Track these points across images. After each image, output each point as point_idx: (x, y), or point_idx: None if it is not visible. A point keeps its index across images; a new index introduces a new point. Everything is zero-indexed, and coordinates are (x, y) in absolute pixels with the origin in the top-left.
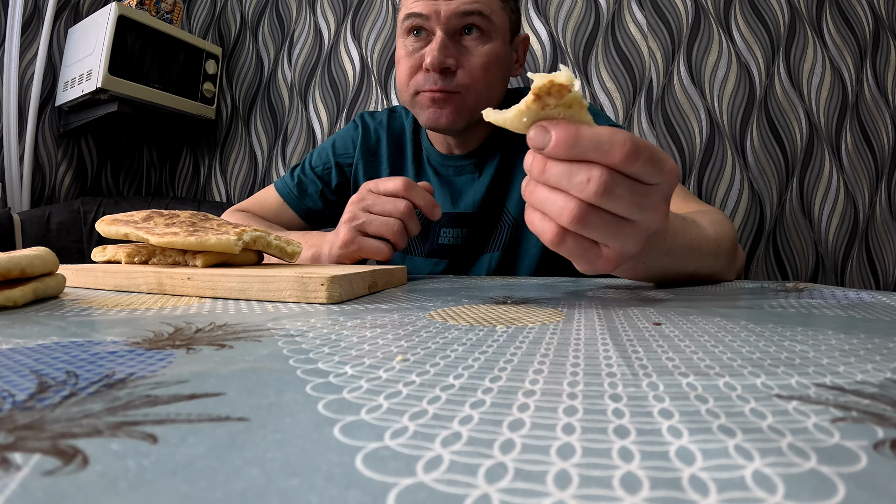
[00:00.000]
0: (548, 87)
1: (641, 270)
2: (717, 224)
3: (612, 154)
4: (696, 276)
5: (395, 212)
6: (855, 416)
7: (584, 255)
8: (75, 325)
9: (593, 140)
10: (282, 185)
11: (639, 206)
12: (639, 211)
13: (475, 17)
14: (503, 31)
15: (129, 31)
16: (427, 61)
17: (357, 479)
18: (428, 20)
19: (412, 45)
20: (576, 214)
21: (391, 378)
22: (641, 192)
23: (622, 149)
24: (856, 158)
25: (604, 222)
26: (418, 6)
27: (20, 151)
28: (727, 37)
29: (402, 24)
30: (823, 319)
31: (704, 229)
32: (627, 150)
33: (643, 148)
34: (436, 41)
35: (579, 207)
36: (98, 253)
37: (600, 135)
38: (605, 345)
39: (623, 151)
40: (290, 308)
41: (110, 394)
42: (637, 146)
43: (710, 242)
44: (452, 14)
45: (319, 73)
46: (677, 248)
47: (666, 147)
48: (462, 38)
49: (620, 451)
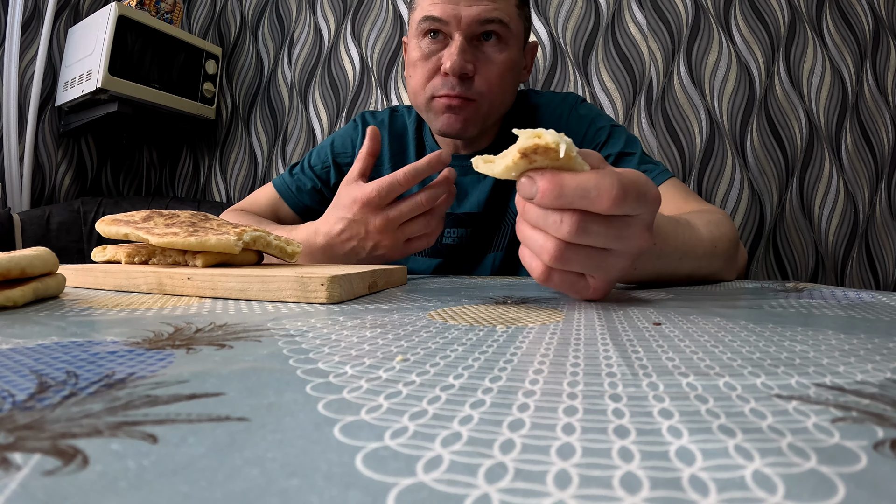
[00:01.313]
0: (533, 149)
1: (633, 275)
2: (714, 224)
3: (601, 202)
4: (692, 277)
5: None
6: (855, 416)
7: (572, 287)
8: (75, 325)
9: (578, 190)
10: (280, 182)
11: (617, 238)
12: (617, 241)
13: (495, 24)
14: (518, 38)
15: (129, 31)
16: (447, 66)
17: (357, 479)
18: (447, 25)
19: (428, 47)
20: (554, 253)
21: (391, 378)
22: (618, 226)
23: (609, 195)
24: (856, 158)
25: (583, 257)
26: (437, 10)
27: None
28: (727, 37)
29: (419, 25)
30: (823, 319)
31: (698, 230)
32: (615, 197)
33: (629, 189)
34: (455, 45)
35: (557, 246)
36: (98, 253)
37: (586, 183)
38: (605, 345)
39: (611, 198)
40: (290, 308)
41: (110, 394)
42: (624, 190)
43: (705, 243)
44: (473, 21)
45: (319, 74)
46: (669, 252)
47: (666, 147)
48: (481, 44)
49: (620, 451)
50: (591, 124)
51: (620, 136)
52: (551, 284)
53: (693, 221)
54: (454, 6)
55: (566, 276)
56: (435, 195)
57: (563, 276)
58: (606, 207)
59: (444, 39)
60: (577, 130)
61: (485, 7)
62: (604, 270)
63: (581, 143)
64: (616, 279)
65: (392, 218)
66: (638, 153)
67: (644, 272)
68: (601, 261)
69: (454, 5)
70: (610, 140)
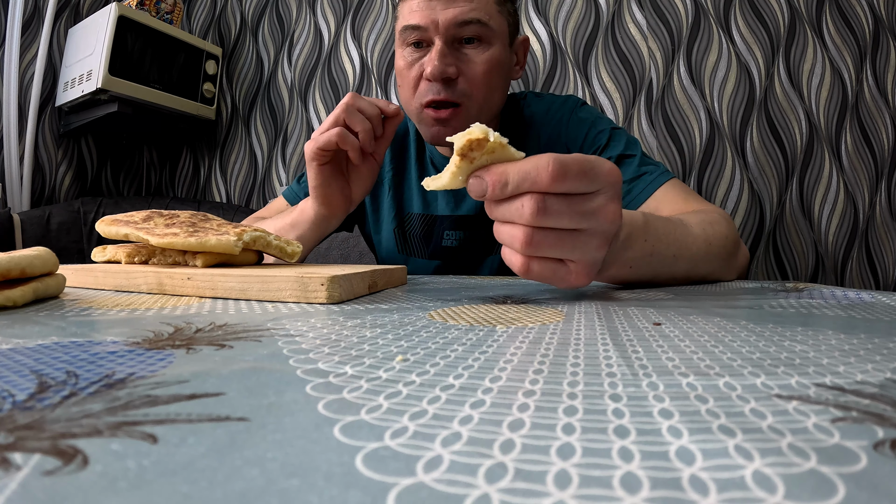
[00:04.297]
0: (468, 145)
1: (628, 274)
2: (709, 223)
3: (541, 180)
4: (690, 277)
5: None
6: (855, 416)
7: (554, 275)
8: (75, 325)
9: (520, 174)
10: (289, 192)
11: (582, 216)
12: (584, 219)
13: (474, 25)
14: (502, 35)
15: (129, 31)
16: (427, 71)
17: (357, 479)
18: (426, 31)
19: (411, 55)
20: (524, 238)
21: (391, 378)
22: (579, 202)
23: (547, 172)
24: (856, 159)
25: (554, 239)
26: (415, 17)
27: (20, 151)
28: (727, 37)
29: (401, 35)
30: (823, 319)
31: (691, 229)
32: (552, 172)
33: (570, 164)
34: (435, 51)
35: (525, 232)
36: (98, 253)
37: (525, 167)
38: (605, 345)
39: (549, 174)
40: (290, 308)
41: (110, 394)
42: (562, 165)
43: (699, 242)
44: (450, 23)
45: (319, 74)
46: (661, 249)
47: (666, 147)
48: (462, 46)
49: (620, 451)
50: (592, 127)
51: (621, 139)
52: (533, 276)
53: (686, 220)
54: (431, 11)
55: (545, 263)
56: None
57: (543, 263)
58: (548, 182)
59: (426, 47)
60: (577, 134)
61: (461, 9)
62: (579, 251)
63: (582, 146)
64: (595, 262)
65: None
66: (638, 155)
67: (640, 272)
68: (573, 242)
69: (430, 11)
70: (610, 143)
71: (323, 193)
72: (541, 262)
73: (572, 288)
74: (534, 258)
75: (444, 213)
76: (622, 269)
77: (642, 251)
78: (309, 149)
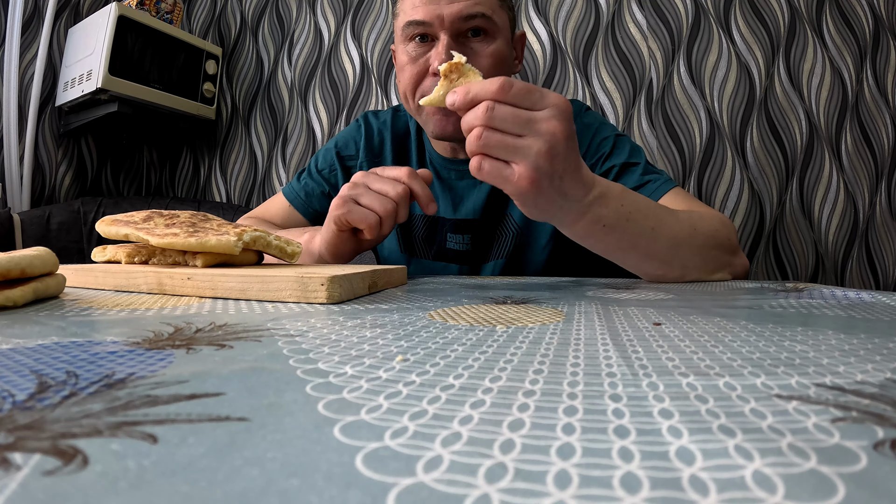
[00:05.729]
0: (449, 68)
1: (603, 233)
2: (702, 217)
3: (491, 90)
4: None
5: (392, 192)
6: (855, 416)
7: (500, 174)
8: (75, 325)
9: (478, 85)
10: (289, 190)
11: (525, 123)
12: (526, 127)
13: (479, 19)
14: (504, 29)
15: (129, 31)
16: (435, 65)
17: (357, 479)
18: (430, 26)
19: (415, 50)
20: (476, 134)
21: (391, 378)
22: (524, 113)
23: (495, 84)
24: (856, 159)
25: (499, 137)
26: (419, 13)
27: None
28: (727, 37)
29: (403, 31)
30: (823, 319)
31: (678, 214)
32: (499, 84)
33: (515, 83)
34: (441, 45)
35: (478, 130)
36: (98, 253)
37: (483, 82)
38: (605, 345)
39: (496, 85)
40: (290, 308)
41: (110, 394)
42: (508, 81)
43: (684, 226)
44: (456, 18)
45: (319, 74)
46: (639, 218)
47: (666, 147)
48: (467, 40)
49: (620, 451)
50: (596, 134)
51: (624, 147)
52: (484, 174)
53: (676, 210)
54: (435, 6)
55: (494, 163)
56: (402, 186)
57: (492, 163)
58: (496, 91)
59: (430, 42)
60: (580, 139)
61: (466, 3)
62: (521, 154)
63: (585, 152)
64: (539, 170)
65: (350, 187)
66: (642, 163)
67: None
68: (516, 144)
69: (435, 5)
70: (615, 151)
71: (335, 251)
72: (490, 161)
73: (521, 194)
74: (485, 157)
75: (444, 215)
76: (595, 226)
77: (617, 213)
78: (335, 215)
